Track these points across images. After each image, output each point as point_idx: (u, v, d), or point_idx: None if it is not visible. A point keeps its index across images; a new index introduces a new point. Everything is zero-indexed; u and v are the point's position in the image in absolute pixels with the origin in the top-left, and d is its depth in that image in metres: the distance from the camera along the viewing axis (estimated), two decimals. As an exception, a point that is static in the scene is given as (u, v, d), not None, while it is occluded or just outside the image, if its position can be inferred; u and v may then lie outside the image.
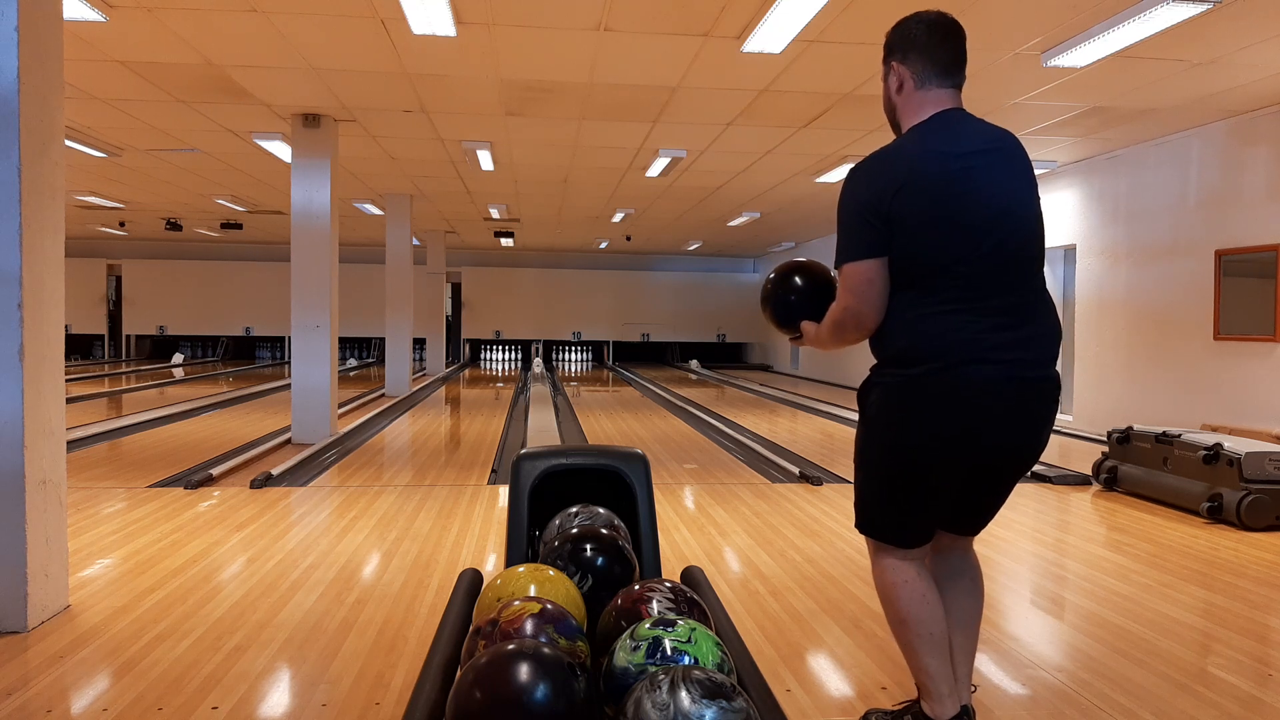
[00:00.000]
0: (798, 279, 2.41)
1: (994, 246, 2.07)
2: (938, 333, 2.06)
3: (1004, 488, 2.25)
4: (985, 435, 2.08)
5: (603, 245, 19.37)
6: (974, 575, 2.34)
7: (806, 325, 2.35)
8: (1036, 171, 2.30)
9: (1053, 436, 8.77)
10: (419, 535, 4.57)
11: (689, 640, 1.86)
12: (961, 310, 2.05)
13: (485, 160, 9.39)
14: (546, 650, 1.78)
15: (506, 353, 22.33)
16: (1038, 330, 2.12)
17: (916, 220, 2.05)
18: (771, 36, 5.32)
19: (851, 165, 2.31)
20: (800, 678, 2.81)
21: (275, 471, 6.09)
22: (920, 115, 2.20)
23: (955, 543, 2.33)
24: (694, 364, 21.05)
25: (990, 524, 2.22)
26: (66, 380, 3.47)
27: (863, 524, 2.25)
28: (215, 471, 6.04)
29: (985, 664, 2.95)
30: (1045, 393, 2.13)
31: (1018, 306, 2.09)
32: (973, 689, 2.30)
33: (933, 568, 2.28)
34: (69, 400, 8.79)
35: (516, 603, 2.01)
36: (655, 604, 2.09)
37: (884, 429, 2.15)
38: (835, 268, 2.19)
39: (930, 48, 2.27)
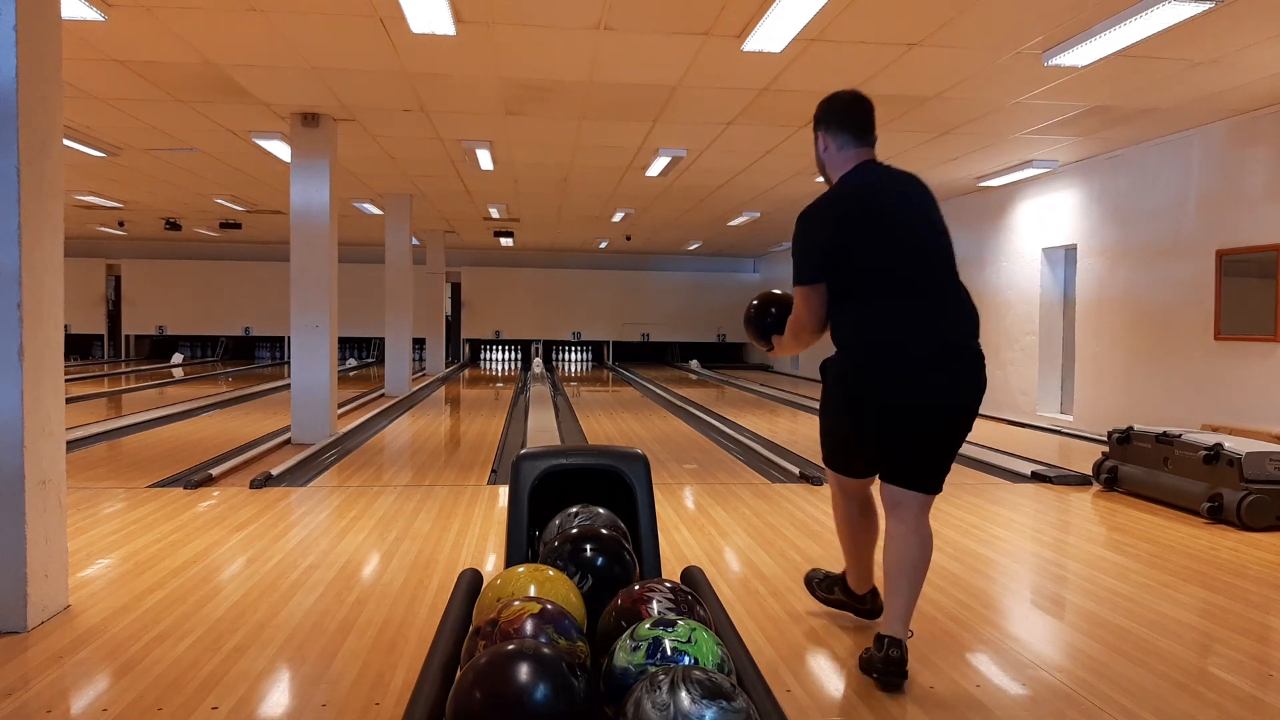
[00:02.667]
0: (772, 308, 3.19)
1: (918, 253, 2.79)
2: (875, 326, 2.75)
3: (946, 446, 2.80)
4: (915, 399, 2.70)
5: (603, 245, 19.37)
6: (922, 538, 2.82)
7: (776, 339, 3.17)
8: (1037, 171, 3.16)
9: (1053, 436, 8.81)
10: (419, 535, 4.57)
11: (689, 640, 1.85)
12: (895, 305, 2.73)
13: (485, 160, 9.39)
14: (546, 650, 1.78)
15: (506, 353, 22.33)
16: (960, 313, 2.80)
17: (859, 240, 2.75)
18: (772, 35, 5.31)
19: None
20: (800, 678, 2.81)
21: (275, 471, 6.09)
22: (845, 168, 2.91)
23: (909, 499, 2.82)
24: (694, 364, 21.05)
25: (990, 524, 2.78)
26: (66, 380, 3.46)
27: (825, 460, 3.10)
28: (215, 471, 6.04)
29: (985, 664, 2.95)
30: (970, 362, 2.76)
31: (942, 297, 2.78)
32: (909, 634, 2.74)
33: (888, 524, 2.88)
34: (68, 400, 8.78)
35: (516, 603, 2.00)
36: (655, 604, 2.09)
37: (837, 394, 2.92)
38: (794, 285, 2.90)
39: (846, 120, 2.94)
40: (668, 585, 2.17)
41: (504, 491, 5.59)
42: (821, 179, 3.04)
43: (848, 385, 2.84)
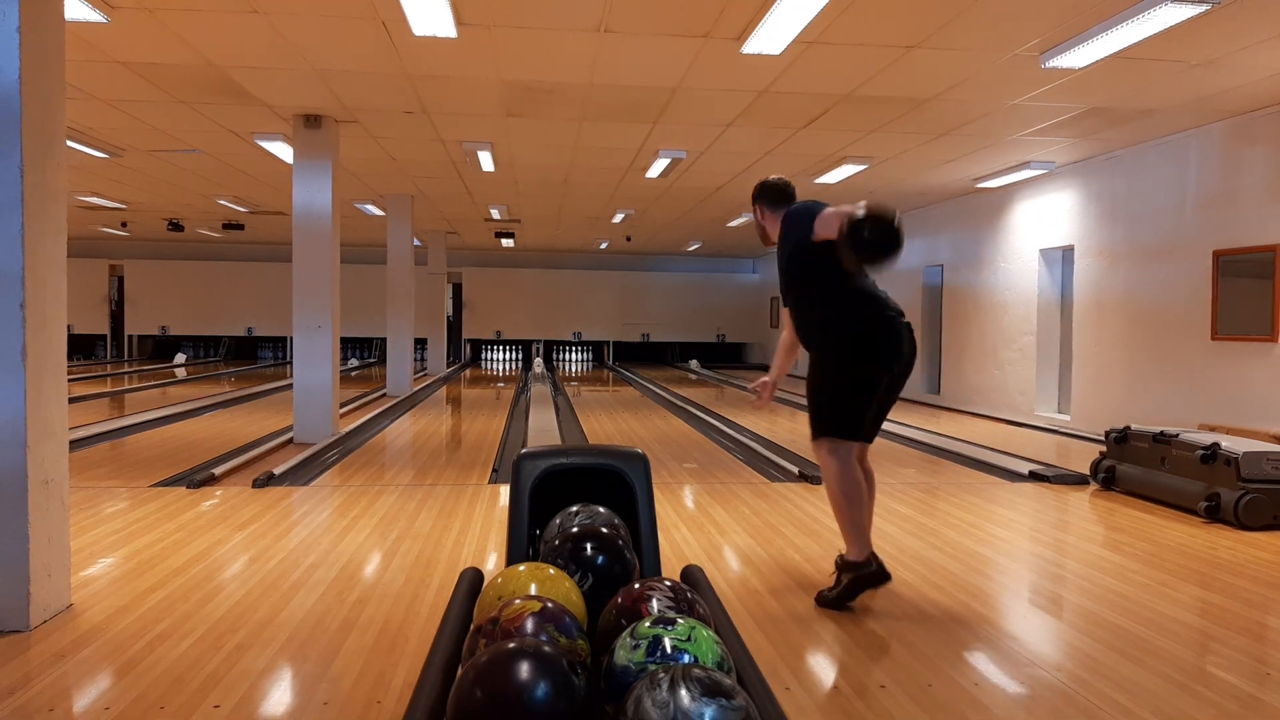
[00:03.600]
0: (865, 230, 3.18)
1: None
2: (857, 303, 3.57)
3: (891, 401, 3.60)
4: (908, 352, 3.52)
5: (603, 245, 19.37)
6: (870, 475, 3.67)
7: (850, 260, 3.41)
8: (1034, 172, 3.83)
9: (1050, 436, 8.82)
10: (420, 534, 4.58)
11: (689, 639, 1.87)
12: (860, 288, 3.60)
13: (486, 161, 9.40)
14: (547, 649, 1.79)
15: (507, 353, 22.34)
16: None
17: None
18: (771, 37, 5.33)
19: (850, 166, 3.80)
20: (800, 676, 2.82)
21: (277, 471, 6.11)
22: (776, 225, 3.80)
23: (865, 449, 3.64)
24: (694, 364, 21.06)
25: (988, 523, 3.14)
26: (69, 380, 3.48)
27: (833, 431, 3.50)
28: (217, 471, 6.06)
29: (984, 663, 2.96)
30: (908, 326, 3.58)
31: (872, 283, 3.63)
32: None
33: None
34: (71, 400, 8.78)
35: (517, 601, 2.02)
36: (655, 603, 2.10)
37: (846, 361, 3.52)
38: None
39: (773, 198, 3.86)
40: (668, 584, 2.18)
41: (505, 491, 5.60)
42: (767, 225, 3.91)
43: (858, 349, 3.47)
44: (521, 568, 2.27)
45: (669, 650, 1.84)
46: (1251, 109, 6.97)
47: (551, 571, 2.27)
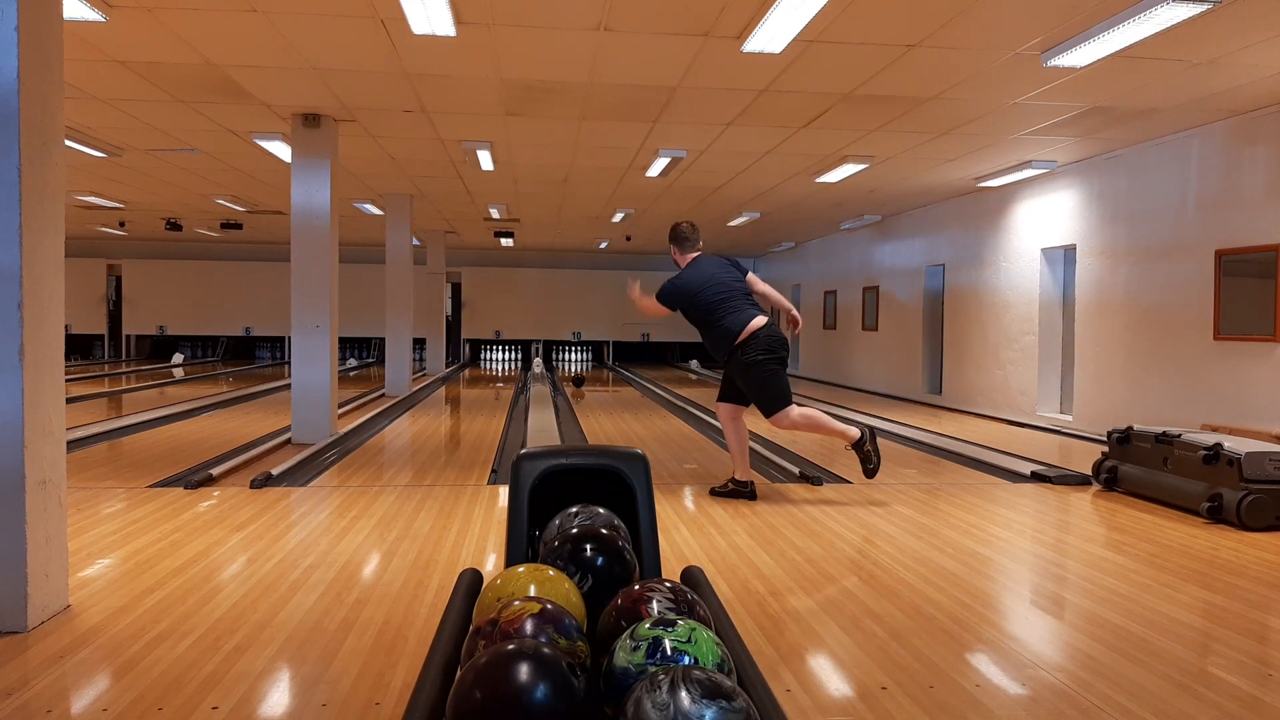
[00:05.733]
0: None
1: (725, 289, 5.51)
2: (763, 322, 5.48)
3: None
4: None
5: (603, 245, 19.37)
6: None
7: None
8: (1036, 171, 4.48)
9: (1052, 436, 8.81)
10: (419, 535, 4.57)
11: (689, 640, 1.85)
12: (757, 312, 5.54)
13: (485, 160, 9.39)
14: (546, 650, 1.78)
15: (506, 353, 22.34)
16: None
17: (690, 289, 5.52)
18: (771, 36, 5.32)
19: (851, 165, 6.24)
20: (800, 678, 2.81)
21: (275, 471, 6.09)
22: (684, 262, 5.68)
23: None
24: (694, 364, 21.06)
25: (990, 524, 3.90)
26: (66, 380, 3.47)
27: (783, 402, 5.37)
28: (215, 471, 6.04)
29: (985, 664, 2.95)
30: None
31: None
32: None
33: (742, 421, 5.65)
34: (69, 400, 8.79)
35: (516, 602, 2.01)
36: (655, 604, 2.09)
37: (775, 360, 5.46)
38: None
39: (682, 240, 5.68)
40: (668, 585, 2.17)
41: (504, 491, 5.59)
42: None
43: (777, 354, 5.41)
44: (521, 569, 2.26)
45: (669, 652, 1.83)
46: (1253, 108, 6.96)
47: (551, 573, 2.26)
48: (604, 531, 2.49)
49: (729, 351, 5.47)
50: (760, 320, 5.40)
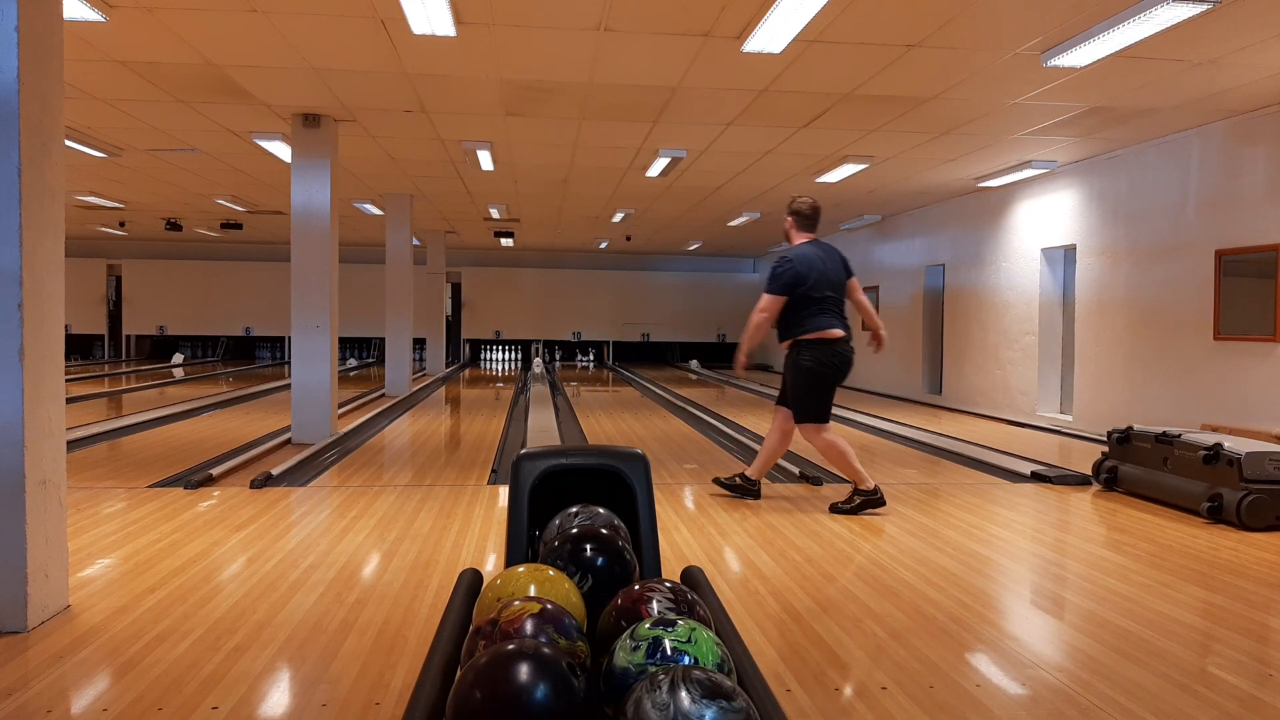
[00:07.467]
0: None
1: (831, 288, 5.32)
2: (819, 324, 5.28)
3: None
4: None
5: (603, 245, 19.37)
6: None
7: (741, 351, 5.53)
8: (1036, 171, 4.20)
9: (1052, 436, 8.80)
10: (419, 535, 4.57)
11: (689, 640, 1.85)
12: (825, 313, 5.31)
13: (485, 160, 9.39)
14: (546, 650, 1.78)
15: (506, 353, 22.34)
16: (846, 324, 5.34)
17: (808, 278, 5.23)
18: (771, 36, 5.32)
19: (851, 166, 6.27)
20: (800, 678, 2.81)
21: (275, 471, 6.09)
22: (800, 240, 5.44)
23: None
24: (694, 364, 21.06)
25: (990, 524, 3.57)
26: (66, 380, 3.47)
27: (817, 417, 5.29)
28: (215, 471, 6.04)
29: (985, 664, 2.95)
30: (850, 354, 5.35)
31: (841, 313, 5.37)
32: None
33: (789, 434, 5.51)
34: (69, 400, 8.79)
35: (516, 603, 2.00)
36: (655, 604, 2.09)
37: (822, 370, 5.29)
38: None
39: (803, 219, 5.45)
40: (668, 585, 2.17)
41: (504, 491, 5.59)
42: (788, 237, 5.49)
43: (829, 370, 5.27)
44: (521, 569, 2.26)
45: (669, 652, 1.82)
46: (1253, 108, 6.96)
47: (551, 573, 2.26)
48: (604, 531, 2.49)
49: (795, 343, 5.28)
50: (837, 333, 5.23)
